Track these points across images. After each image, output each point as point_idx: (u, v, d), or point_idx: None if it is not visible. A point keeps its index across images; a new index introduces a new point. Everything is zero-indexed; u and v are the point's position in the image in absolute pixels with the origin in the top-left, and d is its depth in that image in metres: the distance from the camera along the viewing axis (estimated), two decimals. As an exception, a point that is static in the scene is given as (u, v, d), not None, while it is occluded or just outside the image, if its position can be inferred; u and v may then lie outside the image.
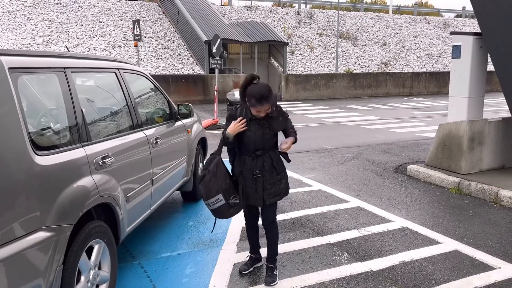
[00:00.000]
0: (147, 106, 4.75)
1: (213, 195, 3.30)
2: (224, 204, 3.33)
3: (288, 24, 26.66)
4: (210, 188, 3.29)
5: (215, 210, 3.38)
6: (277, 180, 3.41)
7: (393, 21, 30.63)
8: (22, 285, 2.22)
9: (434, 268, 3.76)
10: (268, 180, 3.39)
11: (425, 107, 17.80)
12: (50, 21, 21.53)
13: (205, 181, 3.31)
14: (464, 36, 6.90)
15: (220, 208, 3.35)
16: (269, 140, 3.37)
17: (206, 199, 3.35)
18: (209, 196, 3.32)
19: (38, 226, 2.33)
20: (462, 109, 6.90)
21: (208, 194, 3.32)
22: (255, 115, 3.28)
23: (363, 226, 4.73)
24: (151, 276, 3.60)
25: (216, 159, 3.34)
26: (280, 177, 3.44)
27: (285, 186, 3.49)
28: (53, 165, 2.51)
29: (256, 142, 3.33)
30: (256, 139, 3.33)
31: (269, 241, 3.58)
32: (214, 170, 3.30)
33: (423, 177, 6.64)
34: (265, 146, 3.36)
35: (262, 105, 3.18)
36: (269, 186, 3.38)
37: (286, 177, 3.51)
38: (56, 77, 2.87)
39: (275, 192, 3.41)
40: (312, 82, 21.42)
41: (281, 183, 3.45)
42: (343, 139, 10.27)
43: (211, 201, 3.33)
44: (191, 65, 21.16)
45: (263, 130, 3.32)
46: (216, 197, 3.30)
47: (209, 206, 3.38)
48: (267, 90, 3.18)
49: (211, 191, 3.30)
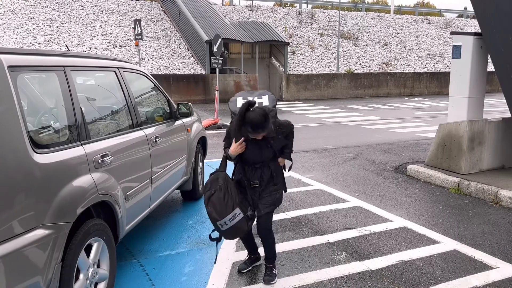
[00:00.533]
0: (147, 105, 4.76)
1: (229, 211, 3.17)
2: (243, 218, 3.22)
3: (289, 24, 26.66)
4: (224, 205, 3.16)
5: (232, 228, 3.21)
6: (273, 190, 3.41)
7: (394, 21, 30.60)
8: (20, 282, 2.23)
9: (432, 267, 3.77)
10: (265, 190, 3.40)
11: (426, 107, 17.79)
12: (51, 20, 21.56)
13: (218, 198, 3.18)
14: (464, 36, 6.90)
15: (238, 223, 3.21)
16: (268, 154, 3.36)
17: (220, 218, 3.17)
18: (224, 214, 3.16)
19: (37, 223, 2.34)
20: (462, 109, 6.89)
21: (222, 212, 3.16)
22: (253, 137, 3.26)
23: (362, 225, 4.74)
24: (150, 274, 3.61)
25: (223, 175, 3.28)
26: (277, 188, 3.43)
27: (280, 196, 3.48)
28: (52, 163, 2.52)
29: (254, 158, 3.34)
30: (254, 156, 3.34)
31: (266, 248, 3.55)
32: (225, 185, 3.22)
33: (423, 177, 6.64)
34: (264, 160, 3.36)
35: (258, 133, 3.16)
36: (265, 195, 3.38)
37: (282, 188, 3.51)
38: (56, 75, 2.88)
39: (270, 201, 3.39)
40: (313, 82, 21.43)
41: (277, 193, 3.44)
42: (343, 139, 10.27)
43: (228, 218, 3.17)
44: (192, 64, 21.18)
45: (260, 149, 3.31)
46: (234, 213, 3.17)
47: (224, 225, 3.19)
48: (262, 118, 3.11)
49: (226, 208, 3.16)
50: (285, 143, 3.42)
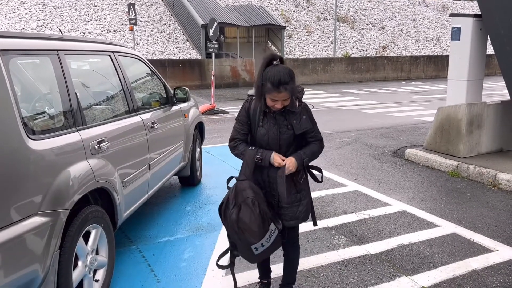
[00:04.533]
0: (143, 90, 4.70)
1: (266, 229, 2.56)
2: (278, 233, 2.65)
3: (286, 8, 26.35)
4: (262, 223, 2.52)
5: (270, 248, 2.64)
6: (295, 199, 2.72)
7: (391, 4, 30.32)
8: (18, 270, 2.20)
9: (432, 251, 3.77)
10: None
11: (423, 91, 17.73)
12: (44, 5, 21.21)
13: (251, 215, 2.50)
14: (464, 18, 6.82)
15: (275, 241, 2.65)
16: (287, 142, 2.67)
17: (258, 240, 2.54)
18: (262, 235, 2.54)
19: (33, 211, 2.30)
20: (461, 92, 6.86)
21: (260, 233, 2.53)
22: (270, 106, 2.60)
23: (361, 210, 4.73)
24: (149, 260, 3.60)
25: (248, 185, 2.59)
26: (300, 197, 2.73)
27: (305, 209, 2.76)
28: (48, 150, 2.47)
29: (269, 142, 2.65)
30: (269, 138, 2.65)
31: (287, 265, 2.97)
32: (256, 199, 2.54)
33: (421, 161, 6.63)
34: (281, 150, 2.67)
35: (279, 92, 2.50)
36: (286, 205, 2.71)
37: (308, 198, 2.79)
38: (49, 60, 2.80)
39: (291, 214, 2.72)
40: (310, 67, 21.28)
41: (300, 204, 2.73)
42: (341, 124, 10.23)
43: (265, 239, 2.57)
44: (187, 49, 20.96)
45: (279, 127, 2.64)
46: (270, 229, 2.59)
47: (260, 247, 2.59)
48: (287, 74, 2.50)
49: (264, 227, 2.54)
50: (307, 127, 2.68)
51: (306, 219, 2.81)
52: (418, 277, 3.34)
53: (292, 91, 2.55)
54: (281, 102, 2.57)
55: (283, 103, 2.58)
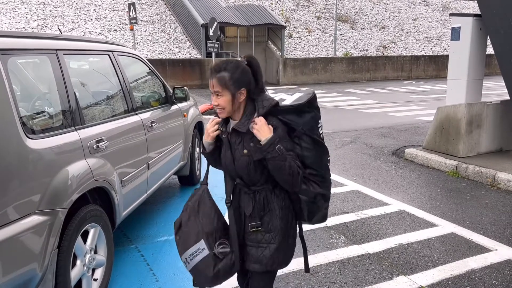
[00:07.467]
0: (142, 89, 4.70)
1: (191, 243, 2.06)
2: (208, 255, 2.05)
3: (286, 7, 26.33)
4: (187, 232, 2.08)
5: (194, 269, 2.10)
6: (261, 240, 2.06)
7: (392, 4, 30.28)
8: (16, 269, 2.21)
9: (430, 250, 3.77)
10: (249, 235, 2.08)
11: (423, 90, 17.72)
12: (44, 4, 21.21)
13: (185, 222, 2.11)
14: (464, 17, 6.82)
15: (200, 264, 2.07)
16: (245, 166, 2.00)
17: (182, 252, 2.10)
18: (187, 246, 2.08)
19: (32, 210, 2.31)
20: (460, 92, 6.86)
21: (185, 243, 2.09)
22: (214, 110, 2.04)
23: (360, 209, 4.73)
24: (148, 260, 3.60)
25: (201, 190, 2.15)
26: (270, 238, 2.05)
27: (272, 255, 2.05)
28: (46, 149, 2.48)
29: (227, 166, 2.08)
30: (226, 163, 2.09)
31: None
32: (195, 206, 2.10)
33: (421, 161, 6.63)
34: (238, 171, 2.04)
35: (211, 78, 1.96)
36: (249, 242, 2.09)
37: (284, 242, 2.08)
38: (48, 59, 2.81)
39: (255, 256, 2.08)
40: (310, 66, 21.26)
41: (268, 247, 2.05)
42: (341, 123, 10.23)
43: (189, 252, 2.07)
44: (187, 49, 20.96)
45: (231, 149, 2.04)
46: (196, 246, 2.05)
47: (186, 263, 2.11)
48: (229, 62, 1.97)
49: (189, 237, 2.07)
50: (302, 152, 2.00)
51: (277, 267, 2.11)
52: (416, 277, 3.34)
53: (225, 83, 1.92)
54: (216, 98, 1.98)
55: (217, 100, 1.97)
